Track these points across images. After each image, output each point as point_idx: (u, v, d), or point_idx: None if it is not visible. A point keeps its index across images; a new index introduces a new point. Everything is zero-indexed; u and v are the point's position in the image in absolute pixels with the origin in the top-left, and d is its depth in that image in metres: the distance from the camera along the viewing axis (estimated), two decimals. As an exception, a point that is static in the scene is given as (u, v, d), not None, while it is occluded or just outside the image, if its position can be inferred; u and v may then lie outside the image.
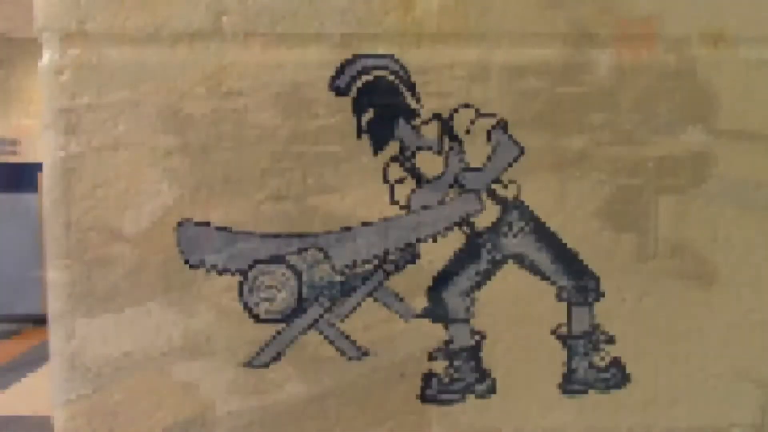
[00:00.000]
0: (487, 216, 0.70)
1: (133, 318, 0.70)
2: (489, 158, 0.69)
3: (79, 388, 0.71)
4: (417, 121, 0.69)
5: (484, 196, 0.70)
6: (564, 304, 0.70)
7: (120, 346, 0.70)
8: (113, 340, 0.70)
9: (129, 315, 0.70)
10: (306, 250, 0.70)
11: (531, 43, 0.69)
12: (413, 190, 0.70)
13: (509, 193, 0.70)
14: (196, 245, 0.70)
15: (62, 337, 0.70)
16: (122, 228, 0.70)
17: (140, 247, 0.70)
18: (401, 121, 0.69)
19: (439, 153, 0.70)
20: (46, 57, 0.69)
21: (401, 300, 0.70)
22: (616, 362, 0.71)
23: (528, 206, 0.70)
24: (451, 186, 0.70)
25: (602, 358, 0.71)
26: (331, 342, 0.71)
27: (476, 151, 0.69)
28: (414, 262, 0.70)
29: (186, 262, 0.70)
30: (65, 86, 0.69)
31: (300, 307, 0.70)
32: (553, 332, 0.71)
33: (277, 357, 0.71)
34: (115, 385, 0.71)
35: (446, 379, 0.71)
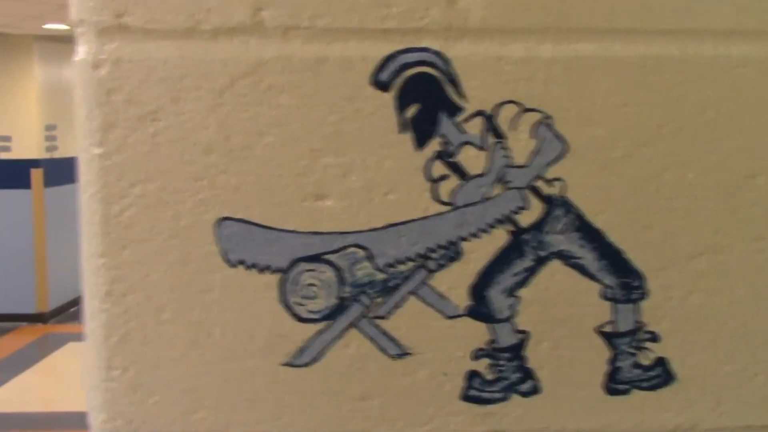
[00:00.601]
0: (531, 213, 0.69)
1: (172, 317, 0.69)
2: (534, 155, 0.68)
3: (117, 388, 0.70)
4: (460, 117, 0.68)
5: (528, 193, 0.69)
6: (609, 303, 0.70)
7: (159, 345, 0.69)
8: (152, 340, 0.69)
9: (168, 314, 0.69)
10: (347, 248, 0.69)
11: (577, 38, 0.68)
12: (456, 187, 0.69)
13: (554, 190, 0.69)
14: (237, 243, 0.69)
15: (99, 337, 0.69)
16: (161, 226, 0.68)
17: (179, 245, 0.69)
18: (444, 117, 0.68)
19: (483, 149, 0.68)
20: (82, 51, 0.68)
21: (444, 298, 0.70)
22: (661, 361, 0.70)
23: (573, 203, 0.69)
24: (494, 183, 0.69)
25: (647, 357, 0.70)
26: (373, 341, 0.70)
27: (521, 148, 0.68)
28: (457, 260, 0.69)
29: (226, 260, 0.69)
30: (102, 81, 0.68)
31: (341, 305, 0.69)
32: (598, 331, 0.70)
33: (318, 356, 0.70)
34: (155, 386, 0.70)
35: (489, 378, 0.70)
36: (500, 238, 0.69)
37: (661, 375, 0.70)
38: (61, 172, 9.14)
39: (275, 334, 0.69)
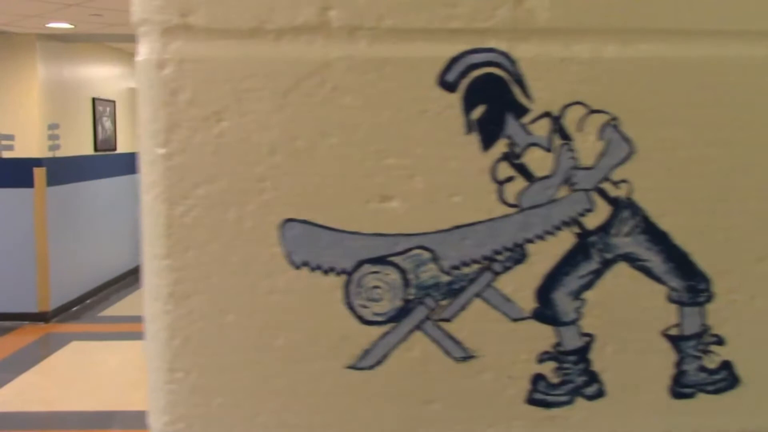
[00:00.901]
0: (597, 215, 0.69)
1: (236, 320, 0.69)
2: (600, 156, 0.68)
3: (179, 391, 0.69)
4: (527, 118, 0.68)
5: (594, 195, 0.68)
6: (675, 305, 0.69)
7: (221, 348, 0.69)
8: (215, 343, 0.69)
9: (232, 317, 0.69)
10: (412, 249, 0.68)
11: (643, 39, 0.68)
12: (522, 189, 0.68)
13: (620, 192, 0.68)
14: (301, 245, 0.68)
15: (163, 339, 0.69)
16: (224, 227, 0.68)
17: (243, 247, 0.68)
18: (511, 118, 0.68)
19: (549, 151, 0.68)
20: (145, 51, 0.68)
21: (509, 301, 0.69)
22: (726, 364, 0.70)
23: (639, 205, 0.68)
24: (561, 185, 0.68)
25: (712, 360, 0.70)
26: (437, 343, 0.69)
27: (587, 149, 0.68)
28: (522, 262, 0.69)
29: (290, 262, 0.68)
30: (166, 81, 0.67)
31: (406, 307, 0.69)
32: (664, 334, 0.69)
33: (383, 359, 0.69)
34: (218, 389, 0.69)
35: (554, 382, 0.70)
36: (566, 240, 0.69)
37: (726, 378, 0.70)
38: (64, 171, 9.13)
39: (339, 336, 0.69)
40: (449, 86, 0.67)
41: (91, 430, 6.58)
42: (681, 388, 0.70)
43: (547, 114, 0.68)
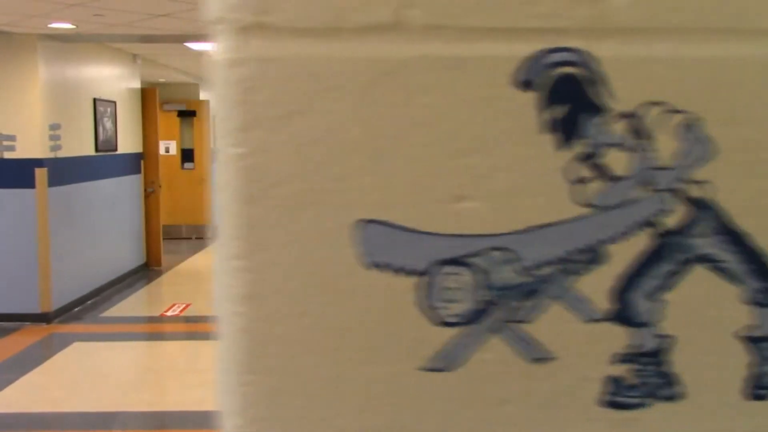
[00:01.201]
0: (675, 216, 0.68)
1: (311, 321, 0.68)
2: (679, 157, 0.67)
3: (254, 393, 0.68)
4: (605, 118, 0.67)
5: (673, 195, 0.68)
6: (753, 307, 0.69)
7: (297, 350, 0.68)
8: (290, 344, 0.68)
9: (308, 318, 0.68)
10: (489, 250, 0.68)
11: (723, 38, 0.67)
12: (599, 189, 0.68)
13: (699, 193, 0.68)
14: (378, 245, 0.67)
15: (237, 341, 0.68)
16: (301, 228, 0.67)
17: (320, 248, 0.67)
18: (588, 118, 0.67)
19: (627, 151, 0.68)
20: (222, 50, 0.67)
21: (585, 302, 0.69)
22: (803, 366, 0.70)
23: (718, 206, 0.68)
24: (638, 185, 0.68)
25: (789, 362, 0.69)
26: (513, 345, 0.69)
27: (666, 150, 0.67)
28: (599, 263, 0.68)
29: (367, 262, 0.67)
30: (242, 80, 0.66)
31: (482, 309, 0.68)
32: (741, 335, 0.69)
33: (458, 361, 0.68)
34: (293, 391, 0.68)
35: (630, 384, 0.69)
36: (643, 241, 0.68)
37: (803, 380, 0.70)
38: (65, 171, 9.11)
39: (414, 338, 0.68)
40: (527, 85, 0.67)
41: (94, 430, 6.56)
42: (759, 389, 0.69)
43: (625, 114, 0.67)
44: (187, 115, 15.63)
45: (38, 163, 8.49)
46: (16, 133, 8.39)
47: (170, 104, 15.39)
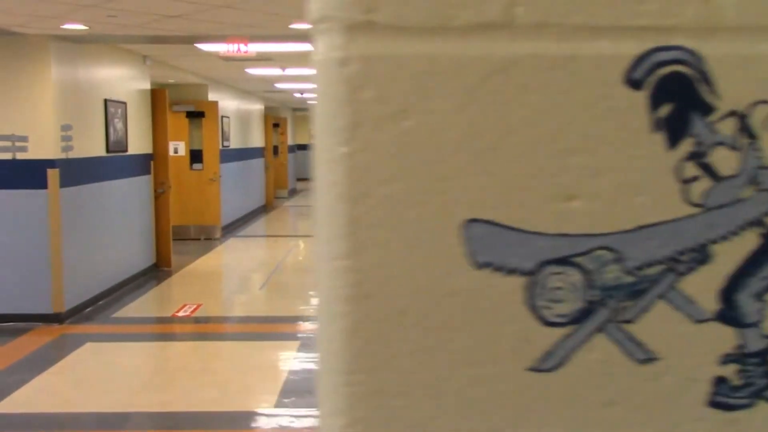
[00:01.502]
0: (783, 215, 0.67)
1: (415, 321, 0.68)
2: (788, 155, 0.67)
3: (357, 393, 0.68)
4: (713, 117, 0.67)
5: (781, 194, 0.67)
6: None
7: (401, 350, 0.68)
8: (394, 344, 0.68)
9: (412, 318, 0.68)
10: (596, 250, 0.67)
11: (833, 36, 0.67)
12: (708, 189, 0.67)
13: (808, 192, 0.67)
14: (484, 245, 0.67)
15: (341, 341, 0.68)
16: (406, 227, 0.67)
17: (424, 247, 0.67)
18: (697, 117, 0.67)
19: (736, 150, 0.67)
20: (327, 48, 0.67)
21: (692, 302, 0.68)
22: None
23: (827, 205, 0.67)
24: (746, 185, 0.67)
25: None
26: (619, 345, 0.68)
27: (775, 148, 0.67)
28: (706, 263, 0.68)
29: (473, 262, 0.67)
30: (349, 79, 0.66)
31: (588, 309, 0.68)
32: None
33: (564, 361, 0.68)
34: (396, 391, 0.68)
35: (736, 384, 0.69)
36: (751, 241, 0.68)
37: None
38: (77, 172, 9.12)
39: (520, 338, 0.68)
40: (636, 84, 0.66)
41: (106, 430, 6.56)
42: None
43: (733, 113, 0.67)
44: (196, 116, 15.65)
45: (50, 163, 8.50)
46: (28, 134, 8.41)
47: (179, 105, 15.41)
